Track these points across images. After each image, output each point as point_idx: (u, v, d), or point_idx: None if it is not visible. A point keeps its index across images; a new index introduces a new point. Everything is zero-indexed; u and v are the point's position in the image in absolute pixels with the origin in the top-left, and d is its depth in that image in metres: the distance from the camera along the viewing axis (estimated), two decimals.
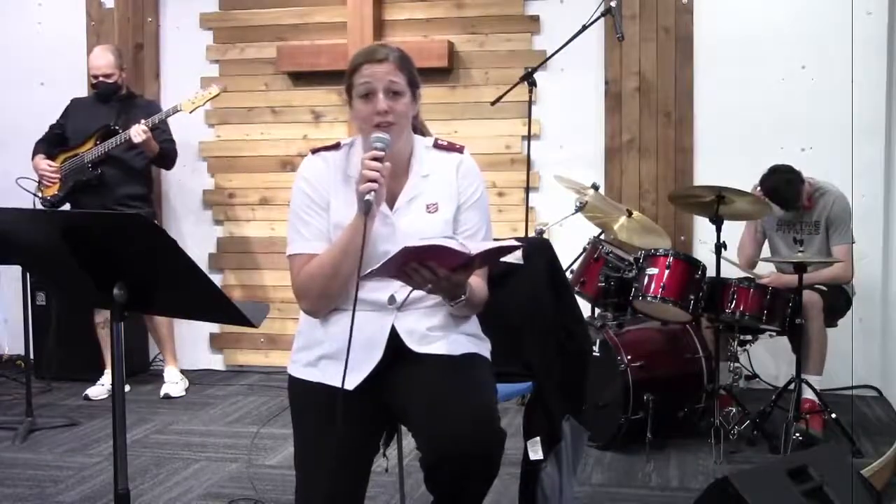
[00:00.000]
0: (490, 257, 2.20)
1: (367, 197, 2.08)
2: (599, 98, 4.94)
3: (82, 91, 5.30)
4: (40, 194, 4.76)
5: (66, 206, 4.74)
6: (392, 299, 2.20)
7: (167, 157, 4.81)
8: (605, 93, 4.92)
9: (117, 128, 4.64)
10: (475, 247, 2.09)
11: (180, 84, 5.08)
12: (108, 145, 4.62)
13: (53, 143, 4.85)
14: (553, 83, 4.93)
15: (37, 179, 4.78)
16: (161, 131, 4.71)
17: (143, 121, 4.55)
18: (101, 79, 4.75)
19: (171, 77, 5.39)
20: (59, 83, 5.42)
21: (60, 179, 4.74)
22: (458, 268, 2.07)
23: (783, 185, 4.00)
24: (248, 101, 5.30)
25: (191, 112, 4.66)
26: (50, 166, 4.74)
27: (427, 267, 2.03)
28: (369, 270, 2.02)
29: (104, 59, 4.76)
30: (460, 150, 2.36)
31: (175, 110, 4.61)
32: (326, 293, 2.20)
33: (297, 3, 5.27)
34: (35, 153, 4.81)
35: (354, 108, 2.25)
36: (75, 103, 4.96)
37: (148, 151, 4.66)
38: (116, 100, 4.80)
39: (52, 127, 4.91)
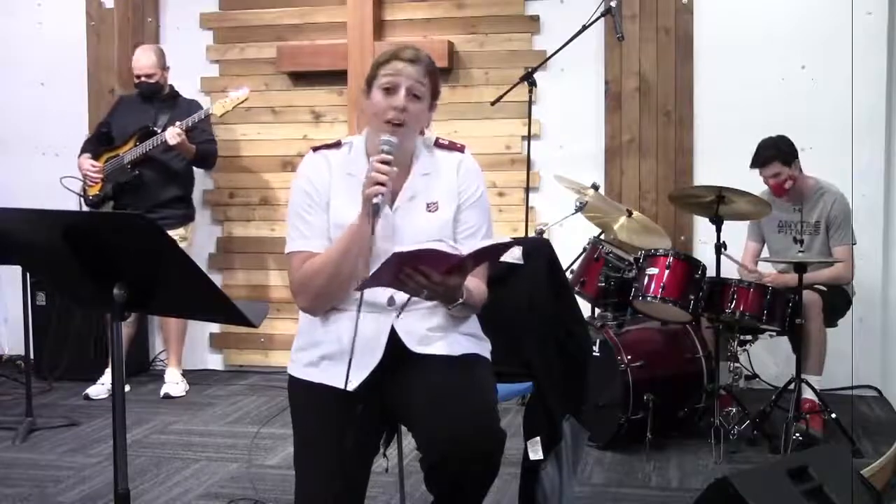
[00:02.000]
0: (484, 256, 2.19)
1: (375, 200, 2.08)
2: (599, 98, 4.94)
3: (82, 90, 5.31)
4: (83, 194, 4.79)
5: (109, 207, 4.77)
6: (391, 300, 2.20)
7: (205, 157, 4.83)
8: (605, 93, 4.92)
9: (156, 129, 4.65)
10: (468, 247, 2.09)
11: (181, 84, 5.06)
12: (146, 146, 4.65)
13: (100, 141, 4.87)
14: (553, 83, 4.93)
15: (81, 178, 4.81)
16: (201, 131, 4.74)
17: (177, 123, 4.56)
18: (143, 79, 4.79)
19: (172, 77, 5.37)
20: (59, 83, 5.43)
21: (102, 179, 4.75)
22: (453, 271, 2.07)
23: (767, 141, 4.05)
24: (249, 101, 5.28)
25: (221, 115, 4.70)
26: (93, 166, 4.77)
27: (420, 272, 2.03)
28: (363, 281, 2.03)
29: (146, 59, 4.79)
30: (461, 149, 2.36)
31: (207, 114, 4.64)
32: (325, 293, 2.20)
33: (297, 3, 5.27)
34: (82, 152, 4.84)
35: (371, 99, 2.25)
36: (122, 101, 4.99)
37: (184, 153, 4.68)
38: (159, 100, 4.83)
39: (99, 125, 4.95)
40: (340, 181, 2.27)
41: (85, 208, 4.73)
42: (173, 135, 4.53)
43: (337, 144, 2.34)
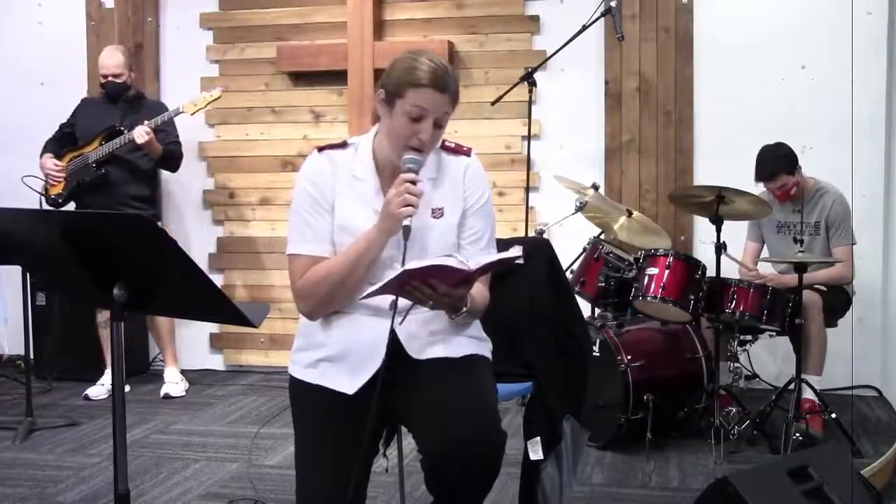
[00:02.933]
0: (491, 268, 2.21)
1: (406, 222, 2.06)
2: (599, 98, 4.94)
3: (82, 90, 5.30)
4: (45, 193, 4.77)
5: (71, 206, 4.75)
6: (393, 304, 2.19)
7: (171, 158, 4.81)
8: (605, 93, 4.92)
9: (122, 128, 4.64)
10: (475, 261, 2.09)
11: (180, 84, 5.08)
12: (113, 145, 4.63)
13: (63, 142, 4.86)
14: (553, 83, 4.93)
15: (43, 178, 4.79)
16: (166, 133, 4.72)
17: (145, 122, 4.55)
18: (109, 78, 4.76)
19: (171, 77, 5.39)
20: (59, 83, 5.43)
21: (65, 178, 4.75)
22: (459, 283, 2.08)
23: (768, 152, 4.04)
24: (248, 101, 5.30)
25: (192, 114, 4.68)
26: (56, 165, 4.76)
27: (428, 285, 2.04)
28: (369, 291, 2.02)
29: (114, 58, 4.77)
30: (468, 152, 2.33)
31: (177, 112, 4.63)
32: (329, 301, 2.19)
33: (297, 3, 5.27)
34: (44, 152, 4.83)
35: (394, 119, 2.17)
36: (85, 103, 4.98)
37: (151, 153, 4.67)
38: (124, 100, 4.81)
39: (61, 126, 4.92)
40: (345, 183, 2.25)
41: (46, 207, 4.70)
42: (141, 133, 4.51)
43: (343, 145, 2.30)
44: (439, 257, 2.08)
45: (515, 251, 2.11)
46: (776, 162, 4.03)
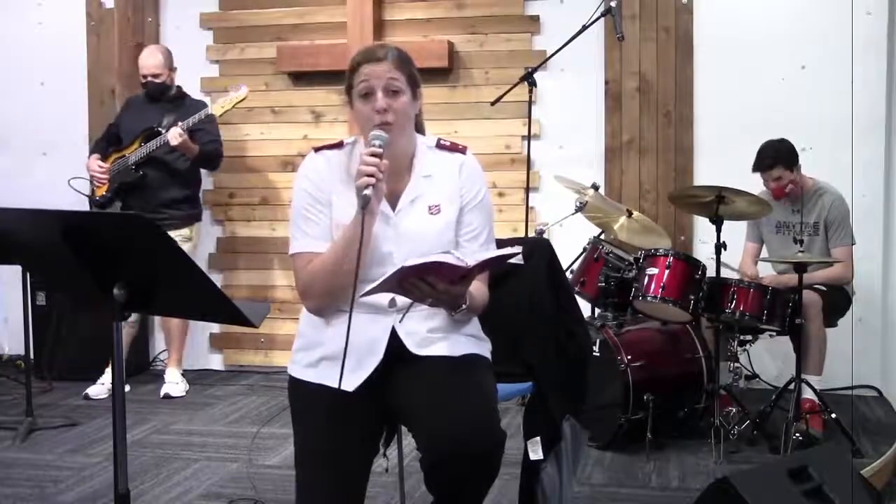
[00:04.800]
0: (490, 265, 2.20)
1: (366, 192, 2.07)
2: (599, 98, 4.94)
3: (82, 91, 5.31)
4: (91, 195, 4.81)
5: (116, 208, 4.77)
6: (393, 302, 2.20)
7: (209, 158, 4.82)
8: (605, 93, 4.92)
9: (161, 129, 4.65)
10: (473, 258, 2.09)
11: (180, 84, 5.06)
12: (150, 147, 4.65)
13: (110, 142, 4.88)
14: (553, 83, 4.93)
15: (88, 179, 4.82)
16: (205, 132, 4.73)
17: (179, 123, 4.56)
18: (149, 79, 4.78)
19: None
20: (59, 83, 5.43)
21: (109, 180, 4.76)
22: (457, 280, 2.08)
23: (769, 145, 4.05)
24: (248, 101, 5.26)
25: (220, 115, 4.69)
26: (100, 167, 4.78)
27: (426, 282, 2.04)
28: (368, 288, 2.03)
29: (152, 58, 4.79)
30: (463, 150, 2.34)
31: (206, 114, 4.63)
32: (330, 291, 2.19)
33: (297, 3, 5.27)
34: (91, 152, 4.86)
35: (355, 109, 2.25)
36: (129, 102, 5.00)
37: (187, 154, 4.68)
38: (166, 100, 4.82)
39: (109, 126, 4.95)
40: (341, 181, 2.26)
41: (93, 209, 4.73)
42: (175, 135, 4.53)
43: (339, 145, 2.33)
44: (437, 254, 2.09)
45: (514, 249, 2.12)
46: (776, 154, 4.04)
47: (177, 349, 4.97)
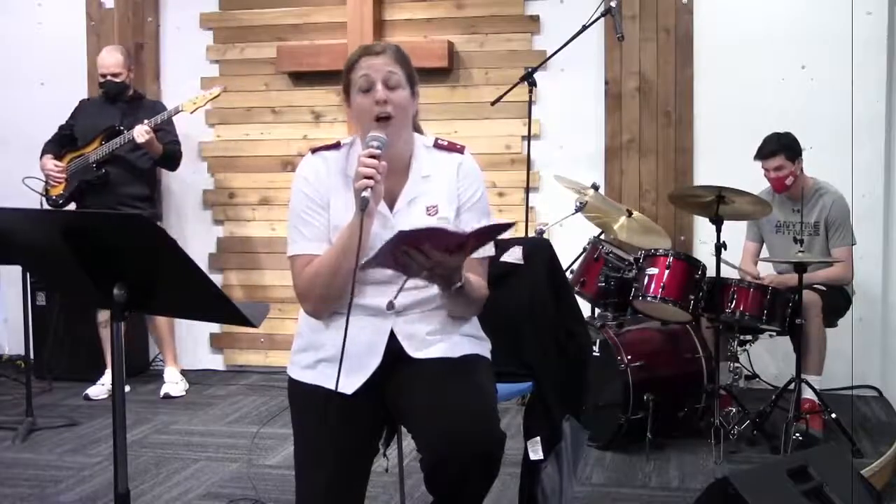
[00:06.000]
0: (485, 237, 2.17)
1: (364, 194, 2.06)
2: (599, 98, 4.94)
3: (82, 90, 5.30)
4: (45, 194, 4.78)
5: (72, 206, 4.76)
6: (391, 305, 2.19)
7: (171, 158, 4.81)
8: (605, 93, 4.92)
9: (122, 128, 4.65)
10: (469, 227, 2.09)
11: (180, 84, 5.08)
12: (112, 145, 4.64)
13: (62, 143, 4.87)
14: (553, 83, 4.93)
15: (44, 179, 4.80)
16: (166, 132, 4.72)
17: (145, 121, 4.56)
18: (108, 78, 4.77)
19: (171, 77, 5.39)
20: (59, 83, 5.43)
21: (66, 179, 4.76)
22: (454, 250, 2.04)
23: (773, 135, 4.07)
24: (248, 101, 5.30)
25: (192, 112, 4.68)
26: (56, 166, 4.77)
27: (421, 251, 2.01)
28: (366, 260, 2.01)
29: (112, 58, 4.78)
30: (461, 150, 2.34)
31: (177, 111, 4.63)
32: (328, 293, 2.19)
33: (297, 3, 5.26)
34: (43, 153, 4.83)
35: (354, 104, 2.24)
36: (84, 104, 4.98)
37: (151, 152, 4.67)
38: (123, 100, 4.82)
39: (61, 127, 4.93)
40: (339, 182, 2.26)
41: (46, 208, 4.71)
42: (141, 132, 4.51)
43: (336, 146, 2.33)
44: (434, 222, 2.08)
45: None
46: (778, 144, 4.05)
47: (169, 348, 4.96)
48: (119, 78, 4.77)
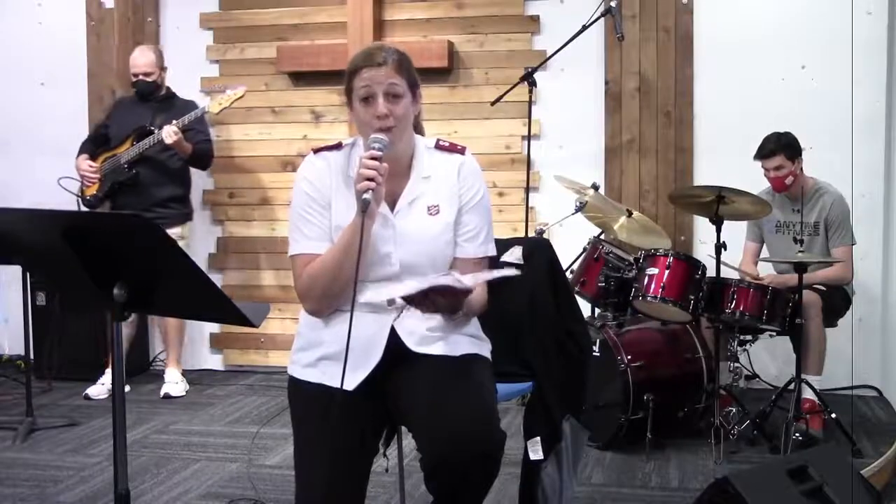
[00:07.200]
0: (490, 283, 2.26)
1: (366, 196, 2.07)
2: (599, 98, 4.94)
3: (82, 90, 5.30)
4: (81, 195, 4.81)
5: (107, 207, 4.79)
6: (391, 300, 2.20)
7: (201, 157, 4.83)
8: (605, 93, 4.92)
9: (153, 128, 4.65)
10: (471, 280, 2.12)
11: (180, 84, 5.06)
12: (143, 146, 4.66)
13: (97, 142, 4.89)
14: (553, 83, 4.93)
15: (79, 179, 4.82)
16: (197, 132, 4.74)
17: (174, 122, 4.57)
18: (140, 77, 4.79)
19: (172, 77, 5.38)
20: (59, 83, 5.43)
21: (100, 179, 4.76)
22: (459, 294, 2.14)
23: (773, 134, 4.07)
24: (248, 101, 5.27)
25: (217, 113, 4.72)
26: (90, 167, 4.79)
27: (429, 298, 2.10)
28: (386, 295, 2.11)
29: (145, 57, 4.80)
30: (462, 151, 2.35)
31: (203, 112, 4.64)
32: (329, 293, 2.20)
33: (297, 3, 5.27)
34: (80, 153, 4.85)
35: (355, 111, 2.25)
36: (118, 103, 5.00)
37: (180, 152, 4.68)
38: (156, 100, 4.83)
39: (97, 126, 4.96)
40: (340, 183, 2.27)
41: (83, 208, 4.74)
42: (169, 133, 4.53)
43: (337, 146, 2.33)
44: (439, 276, 2.12)
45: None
46: (778, 143, 4.05)
47: (174, 349, 4.96)
48: (151, 77, 4.78)
